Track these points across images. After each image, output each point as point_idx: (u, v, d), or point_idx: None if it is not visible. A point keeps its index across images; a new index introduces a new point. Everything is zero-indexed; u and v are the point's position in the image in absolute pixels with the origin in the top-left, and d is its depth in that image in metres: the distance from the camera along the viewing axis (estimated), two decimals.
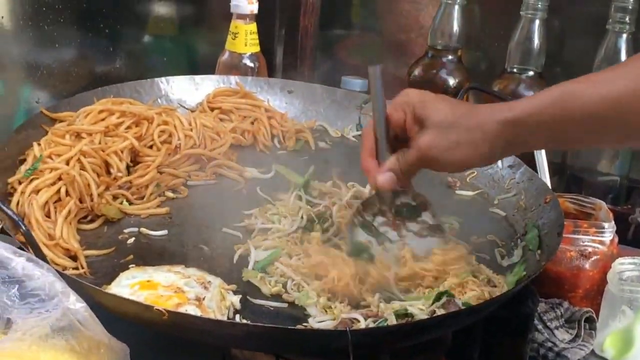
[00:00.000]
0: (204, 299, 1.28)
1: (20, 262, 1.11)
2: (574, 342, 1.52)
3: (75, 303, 1.09)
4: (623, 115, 1.15)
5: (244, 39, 1.96)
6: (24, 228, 1.20)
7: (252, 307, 1.31)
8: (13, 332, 1.04)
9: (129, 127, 1.62)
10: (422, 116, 1.28)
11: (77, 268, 1.35)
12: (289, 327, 1.21)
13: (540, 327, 1.52)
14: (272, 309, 1.31)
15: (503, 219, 1.62)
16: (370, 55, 2.37)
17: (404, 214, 1.42)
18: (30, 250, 1.21)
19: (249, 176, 1.68)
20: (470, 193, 1.71)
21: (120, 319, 1.20)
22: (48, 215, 1.42)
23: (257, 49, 1.99)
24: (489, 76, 2.00)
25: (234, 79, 1.91)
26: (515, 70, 1.90)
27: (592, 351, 1.53)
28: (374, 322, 1.26)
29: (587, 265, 1.56)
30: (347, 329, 1.18)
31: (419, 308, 1.29)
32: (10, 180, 1.47)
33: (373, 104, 1.36)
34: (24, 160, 1.52)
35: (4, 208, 1.21)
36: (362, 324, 1.23)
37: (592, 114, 1.17)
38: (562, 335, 1.52)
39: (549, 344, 1.50)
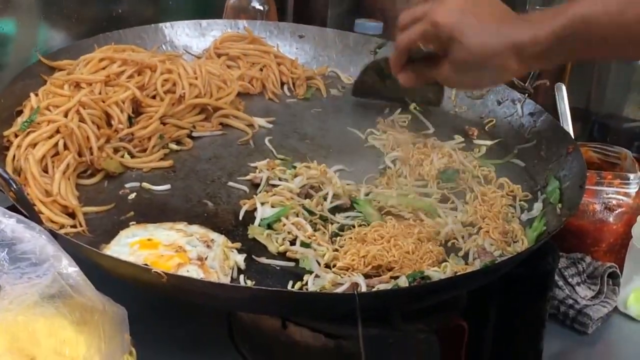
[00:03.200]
0: (206, 258, 1.23)
1: (10, 224, 1.06)
2: (596, 298, 1.47)
3: (68, 267, 1.04)
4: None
5: None
6: (15, 186, 1.14)
7: (257, 266, 1.26)
8: (0, 300, 0.98)
9: (130, 76, 1.55)
10: None
11: (75, 226, 1.29)
12: (294, 290, 1.15)
13: (561, 283, 1.46)
14: (278, 268, 1.26)
15: (523, 170, 1.55)
16: None
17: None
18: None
19: (257, 126, 1.61)
20: (488, 142, 1.63)
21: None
22: (45, 170, 1.36)
23: None
24: None
25: (242, 24, 1.83)
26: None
27: (615, 308, 1.48)
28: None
29: (610, 219, 1.50)
30: (355, 291, 1.12)
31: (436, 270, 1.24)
32: (5, 133, 1.40)
33: None
34: (21, 111, 1.46)
35: None
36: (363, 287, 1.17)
37: (607, 39, 1.11)
38: (584, 292, 1.46)
39: (570, 301, 1.45)
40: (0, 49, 1.70)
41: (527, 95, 1.64)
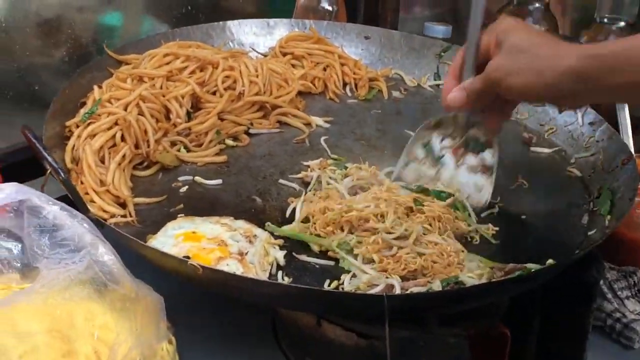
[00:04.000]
0: (246, 253, 1.25)
1: (53, 211, 1.11)
2: None
3: (104, 255, 1.08)
4: None
5: None
6: (62, 176, 1.19)
7: (296, 263, 1.27)
8: (34, 284, 1.03)
9: (192, 72, 1.58)
10: (501, 40, 1.25)
11: (125, 216, 1.33)
12: (325, 289, 1.16)
13: (609, 296, 1.44)
14: (317, 266, 1.27)
15: (578, 179, 1.53)
16: None
17: (469, 146, 1.42)
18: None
19: (314, 125, 1.63)
20: (546, 150, 1.61)
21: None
22: (102, 161, 1.40)
23: None
24: (578, 26, 1.88)
25: (308, 24, 1.85)
26: (605, 20, 1.79)
27: None
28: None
29: None
30: (384, 294, 1.13)
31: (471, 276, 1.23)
32: (68, 123, 1.45)
33: (470, 23, 1.32)
34: (85, 103, 1.51)
35: (45, 155, 1.20)
36: (397, 290, 1.18)
37: None
38: (633, 306, 1.44)
39: (618, 315, 1.42)
40: (108, 40, 1.76)
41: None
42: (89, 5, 1.75)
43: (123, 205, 1.35)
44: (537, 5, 1.89)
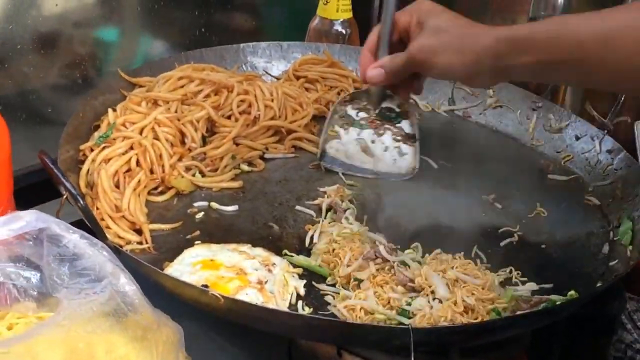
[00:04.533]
0: (266, 282, 1.24)
1: (73, 240, 1.08)
2: None
3: (125, 285, 1.05)
4: (609, 52, 1.14)
5: (336, 5, 1.88)
6: (81, 203, 1.17)
7: (316, 293, 1.25)
8: (56, 315, 1.00)
9: (207, 96, 1.57)
10: (423, 21, 1.32)
11: (141, 242, 1.31)
12: (348, 321, 1.14)
13: (629, 326, 1.42)
14: (338, 295, 1.25)
15: (597, 208, 1.52)
16: None
17: (385, 117, 1.52)
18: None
19: None
20: (563, 178, 1.60)
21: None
22: (117, 186, 1.39)
23: (349, 15, 1.91)
24: None
25: (322, 47, 1.84)
26: None
27: None
28: None
29: None
30: (410, 326, 1.11)
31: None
32: (82, 147, 1.44)
33: (385, 2, 1.40)
34: (99, 126, 1.49)
35: (64, 181, 1.17)
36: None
37: (582, 44, 1.16)
38: None
39: (638, 346, 1.40)
40: (103, 57, 1.74)
41: (606, 131, 1.61)
42: (85, 20, 1.73)
43: (138, 231, 1.33)
44: None
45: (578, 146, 1.64)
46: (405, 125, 1.53)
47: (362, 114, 1.53)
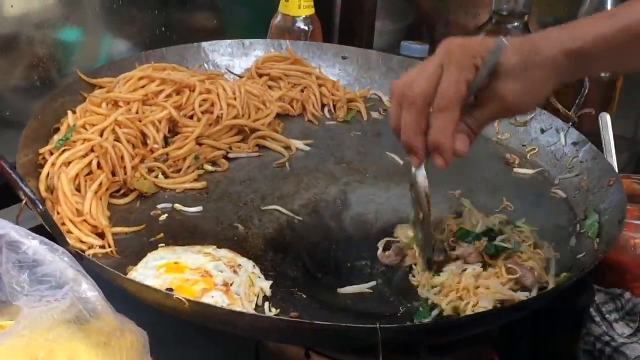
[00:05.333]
0: (232, 284, 1.22)
1: (33, 246, 1.05)
2: (634, 336, 1.42)
3: (87, 292, 1.03)
4: None
5: (298, 1, 1.86)
6: (41, 208, 1.14)
7: (283, 293, 1.24)
8: (16, 325, 0.98)
9: (169, 96, 1.55)
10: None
11: (104, 247, 1.29)
12: (315, 322, 1.13)
13: (598, 319, 1.42)
14: (304, 296, 1.23)
15: (563, 201, 1.51)
16: None
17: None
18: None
19: (294, 149, 1.60)
20: (530, 172, 1.60)
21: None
22: (79, 189, 1.36)
23: (311, 11, 1.89)
24: None
25: (285, 44, 1.82)
26: None
27: None
28: None
29: None
30: (378, 325, 1.09)
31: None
32: (42, 150, 1.41)
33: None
34: (59, 129, 1.46)
35: (22, 186, 1.15)
36: None
37: None
38: (622, 329, 1.42)
39: (607, 338, 1.40)
40: (63, 58, 1.71)
41: (571, 124, 1.61)
42: (47, 21, 1.68)
43: (101, 235, 1.31)
44: (516, 24, 1.87)
45: (544, 139, 1.63)
46: None
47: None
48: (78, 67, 1.64)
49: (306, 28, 1.90)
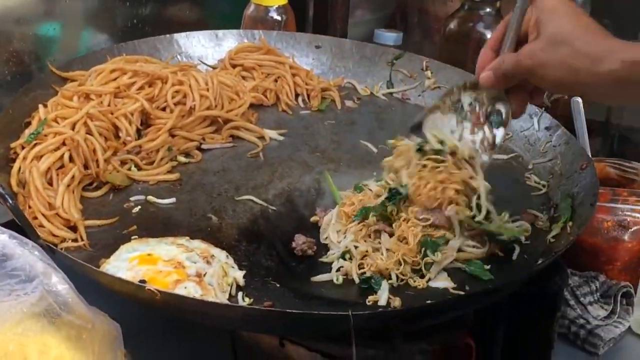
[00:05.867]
0: (204, 275, 1.21)
1: (2, 240, 1.05)
2: (608, 318, 1.44)
3: (57, 285, 1.03)
4: None
5: None
6: (10, 202, 1.14)
7: (256, 283, 1.23)
8: None
9: (141, 88, 1.55)
10: (542, 22, 1.17)
11: (76, 240, 1.29)
12: (287, 310, 1.13)
13: (572, 302, 1.43)
14: (278, 285, 1.23)
15: (538, 185, 1.51)
16: None
17: (490, 118, 1.35)
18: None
19: (267, 139, 1.60)
20: (503, 157, 1.59)
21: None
22: (50, 183, 1.35)
23: (284, 1, 1.89)
24: None
25: (257, 34, 1.82)
26: None
27: (629, 328, 1.44)
28: None
29: (625, 237, 1.46)
30: (350, 312, 1.10)
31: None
32: (12, 145, 1.40)
33: None
34: (30, 123, 1.46)
35: None
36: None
37: None
38: (596, 312, 1.43)
39: (582, 321, 1.41)
40: (45, 51, 1.70)
41: (544, 108, 1.61)
42: (26, 17, 1.67)
43: (73, 228, 1.31)
44: (487, 9, 1.87)
45: (517, 124, 1.63)
46: (499, 134, 1.36)
47: (475, 104, 1.37)
48: (53, 60, 1.63)
49: (279, 18, 1.89)
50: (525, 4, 1.22)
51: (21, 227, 1.17)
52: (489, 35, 1.82)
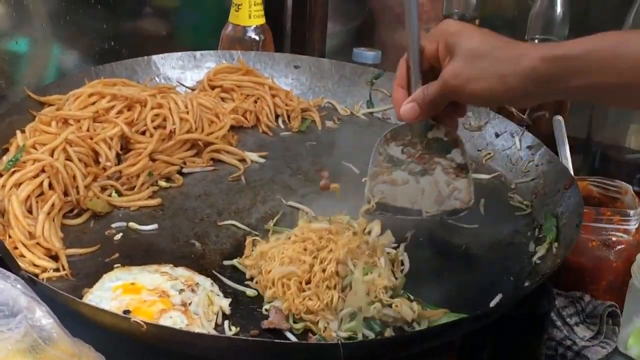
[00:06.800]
0: (190, 304, 1.20)
1: None
2: (595, 339, 1.42)
3: (42, 319, 1.01)
4: None
5: (248, 11, 1.84)
6: None
7: (242, 310, 1.22)
8: None
9: (120, 112, 1.53)
10: (453, 44, 1.19)
11: (58, 269, 1.26)
12: (276, 340, 1.11)
13: (558, 323, 1.42)
14: (265, 312, 1.21)
15: (521, 205, 1.51)
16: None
17: (433, 149, 1.34)
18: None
19: (249, 161, 1.59)
20: (485, 176, 1.59)
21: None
22: (30, 211, 1.33)
23: (262, 20, 1.87)
24: None
25: (236, 55, 1.81)
26: (536, 41, 1.78)
27: (616, 349, 1.43)
28: None
29: (610, 256, 1.45)
30: (340, 341, 1.09)
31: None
32: None
33: (407, 31, 1.25)
34: (7, 149, 1.44)
35: None
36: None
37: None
38: (583, 332, 1.42)
39: (568, 342, 1.40)
40: (13, 67, 1.68)
41: (525, 127, 1.61)
42: None
43: (55, 258, 1.28)
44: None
45: (498, 143, 1.63)
46: (456, 155, 1.35)
47: (408, 150, 1.35)
48: (26, 81, 1.62)
49: (257, 37, 1.88)
50: (417, 38, 1.23)
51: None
52: None
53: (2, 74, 1.67)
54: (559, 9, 1.74)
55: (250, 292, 1.25)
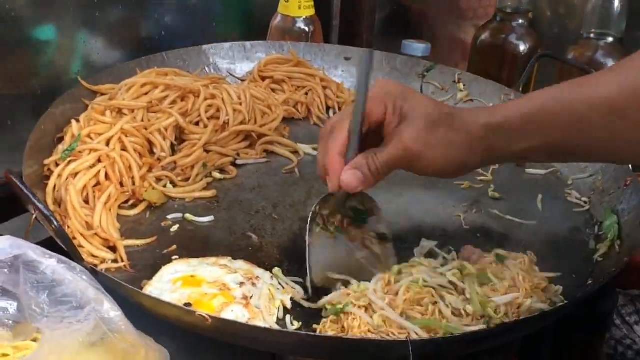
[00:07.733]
0: (251, 297, 1.18)
1: (51, 266, 1.03)
2: None
3: (110, 312, 1.01)
4: (610, 119, 1.04)
5: (298, 2, 1.83)
6: (56, 224, 1.10)
7: (301, 305, 1.20)
8: (40, 348, 0.94)
9: (173, 102, 1.52)
10: (404, 109, 1.15)
11: (116, 260, 1.25)
12: (343, 336, 1.10)
13: (618, 322, 1.40)
14: (327, 307, 1.19)
15: (578, 202, 1.49)
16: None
17: (354, 219, 1.27)
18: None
19: (302, 153, 1.57)
20: (542, 172, 1.57)
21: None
22: (86, 201, 1.32)
23: (311, 11, 1.86)
24: (563, 42, 1.84)
25: (286, 46, 1.79)
26: (592, 35, 1.75)
27: None
28: None
29: None
30: (408, 339, 1.07)
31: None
32: (46, 162, 1.37)
33: (356, 94, 1.18)
34: (62, 138, 1.42)
35: (36, 202, 1.10)
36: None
37: (579, 116, 1.06)
38: None
39: (628, 341, 1.38)
40: (40, 55, 1.66)
41: None
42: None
43: (112, 249, 1.27)
44: (520, 21, 1.84)
45: None
46: (373, 224, 1.28)
47: (333, 220, 1.27)
48: (75, 70, 1.60)
49: (306, 29, 1.87)
50: (365, 101, 1.15)
51: (59, 247, 1.13)
52: (522, 47, 1.82)
53: (54, 64, 1.67)
54: (616, 2, 1.70)
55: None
